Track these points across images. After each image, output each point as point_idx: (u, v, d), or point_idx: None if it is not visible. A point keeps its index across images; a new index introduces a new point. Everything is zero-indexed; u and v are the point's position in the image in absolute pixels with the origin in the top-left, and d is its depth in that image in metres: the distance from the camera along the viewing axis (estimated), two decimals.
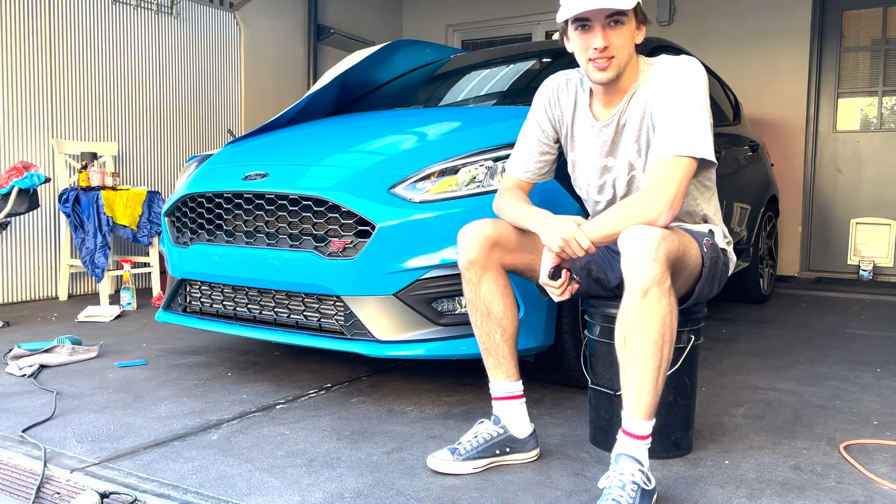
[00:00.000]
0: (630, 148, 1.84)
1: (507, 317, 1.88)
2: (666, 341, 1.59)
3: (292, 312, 2.42)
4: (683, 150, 1.68)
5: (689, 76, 1.75)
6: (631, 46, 1.78)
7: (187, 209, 2.66)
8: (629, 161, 1.86)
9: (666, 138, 1.70)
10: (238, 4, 5.59)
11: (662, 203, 1.65)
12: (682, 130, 1.69)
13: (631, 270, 1.58)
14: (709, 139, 1.71)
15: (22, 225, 4.39)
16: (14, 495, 1.72)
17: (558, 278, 1.75)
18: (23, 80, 4.35)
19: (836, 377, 2.81)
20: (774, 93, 5.80)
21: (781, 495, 1.70)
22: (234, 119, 5.69)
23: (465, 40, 7.31)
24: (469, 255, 1.85)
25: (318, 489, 1.71)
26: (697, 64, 1.78)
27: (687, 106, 1.71)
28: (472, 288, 1.87)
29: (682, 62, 1.78)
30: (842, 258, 5.81)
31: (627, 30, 1.75)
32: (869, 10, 5.68)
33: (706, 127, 1.71)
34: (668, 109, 1.72)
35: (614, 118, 1.85)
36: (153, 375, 2.73)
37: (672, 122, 1.70)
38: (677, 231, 1.71)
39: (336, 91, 3.45)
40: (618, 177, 1.89)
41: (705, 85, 1.76)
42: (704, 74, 1.77)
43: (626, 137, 1.84)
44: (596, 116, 1.90)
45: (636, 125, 1.82)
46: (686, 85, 1.73)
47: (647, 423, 1.61)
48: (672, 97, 1.73)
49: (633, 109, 1.82)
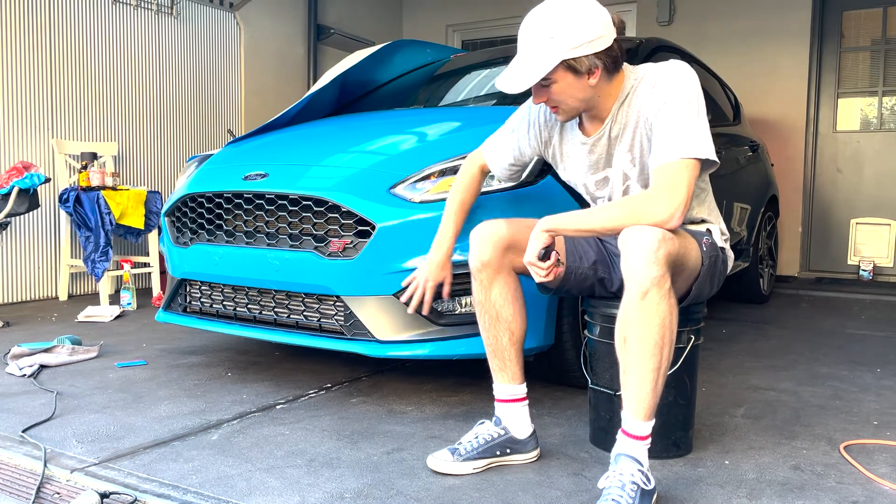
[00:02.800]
0: (624, 158, 1.83)
1: (516, 321, 1.88)
2: (666, 342, 1.59)
3: (292, 312, 2.42)
4: (688, 152, 1.67)
5: (682, 79, 1.73)
6: (578, 93, 1.74)
7: (187, 209, 2.66)
8: (623, 171, 1.85)
9: (669, 141, 1.69)
10: (238, 4, 5.60)
11: (675, 206, 1.63)
12: (684, 133, 1.68)
13: (630, 272, 1.58)
14: (709, 140, 1.71)
15: (22, 225, 4.39)
16: (14, 495, 1.72)
17: (547, 260, 1.73)
18: (23, 79, 4.35)
19: (836, 377, 2.81)
20: (774, 93, 5.80)
21: (781, 495, 1.70)
22: (234, 119, 5.69)
23: (465, 40, 7.31)
24: (482, 256, 1.84)
25: (318, 489, 1.71)
26: (688, 67, 1.77)
27: (685, 108, 1.70)
28: (482, 290, 1.86)
29: (673, 67, 1.76)
30: (842, 258, 5.81)
31: (559, 87, 1.72)
32: (869, 10, 5.68)
33: (706, 128, 1.71)
34: (667, 114, 1.71)
35: (605, 131, 1.83)
36: (153, 375, 2.73)
37: (673, 126, 1.69)
38: (678, 232, 1.70)
39: (336, 91, 3.45)
40: (614, 187, 1.88)
41: (699, 86, 1.75)
42: (696, 76, 1.76)
43: (620, 147, 1.83)
44: (586, 132, 1.88)
45: (629, 135, 1.81)
46: (681, 88, 1.72)
47: (646, 424, 1.61)
48: (669, 101, 1.72)
49: (622, 118, 1.81)
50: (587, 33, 1.67)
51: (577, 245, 1.93)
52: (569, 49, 1.67)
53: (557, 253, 1.76)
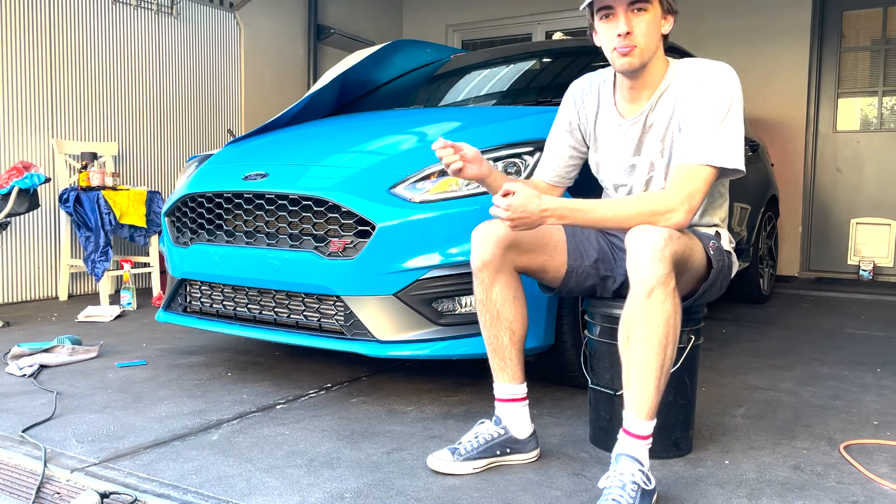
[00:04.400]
0: (655, 147, 1.84)
1: (517, 320, 1.88)
2: (669, 342, 1.59)
3: (292, 312, 2.42)
4: (709, 158, 1.67)
5: (721, 83, 1.73)
6: (656, 36, 1.77)
7: (187, 209, 2.66)
8: (651, 161, 1.85)
9: (693, 144, 1.69)
10: (238, 4, 5.60)
11: (684, 209, 1.65)
12: (709, 138, 1.68)
13: (636, 270, 1.58)
14: (737, 148, 1.70)
15: (22, 225, 4.39)
16: (14, 495, 1.72)
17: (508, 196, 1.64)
18: (23, 79, 4.35)
19: (836, 377, 2.81)
20: (774, 93, 5.80)
21: (781, 495, 1.70)
22: (234, 119, 5.69)
23: (465, 40, 7.32)
24: (483, 256, 1.83)
25: (318, 489, 1.71)
26: (730, 70, 1.76)
27: (717, 113, 1.70)
28: (483, 289, 1.86)
29: (718, 67, 1.76)
30: (842, 258, 5.81)
31: (651, 17, 1.74)
32: (869, 10, 5.69)
33: (735, 135, 1.70)
34: (699, 115, 1.71)
35: (641, 117, 1.84)
36: (153, 375, 2.73)
37: (700, 129, 1.69)
38: (684, 232, 1.70)
39: (336, 91, 3.45)
40: (640, 176, 1.88)
41: (738, 92, 1.74)
42: (737, 81, 1.75)
43: (652, 136, 1.83)
44: (622, 114, 1.89)
45: (663, 126, 1.81)
46: (718, 92, 1.72)
47: (648, 423, 1.61)
48: (705, 102, 1.71)
49: (661, 109, 1.81)
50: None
51: (579, 243, 1.93)
52: None
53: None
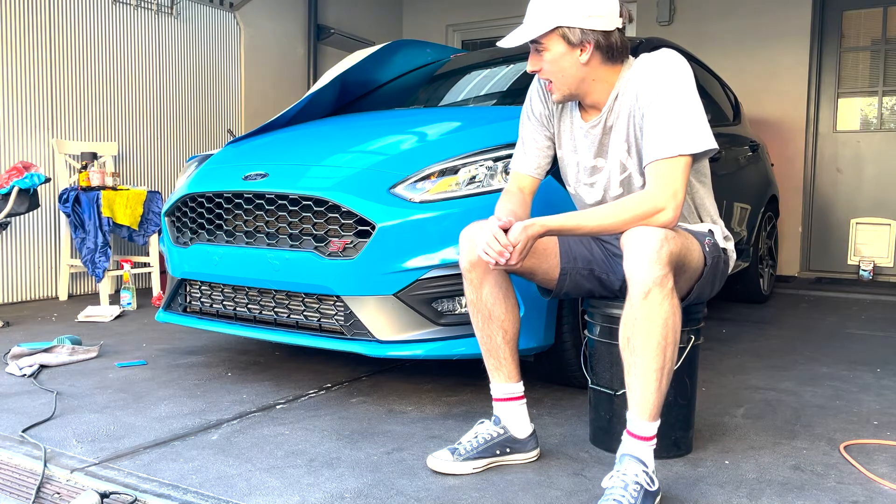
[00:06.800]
0: (620, 148, 1.83)
1: (509, 319, 1.88)
2: (669, 342, 1.59)
3: (292, 312, 2.42)
4: (680, 148, 1.67)
5: (671, 70, 1.73)
6: (570, 69, 1.77)
7: (187, 209, 2.66)
8: (620, 161, 1.84)
9: (660, 138, 1.68)
10: (238, 4, 5.59)
11: (670, 205, 1.64)
12: (674, 128, 1.68)
13: (633, 272, 1.58)
14: (702, 127, 1.69)
15: (22, 225, 4.39)
16: (14, 495, 1.72)
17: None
18: (23, 79, 4.35)
19: (836, 377, 2.81)
20: (774, 93, 5.80)
21: (781, 495, 1.70)
22: (234, 119, 5.69)
23: (465, 40, 7.31)
24: (471, 256, 1.83)
25: (318, 489, 1.71)
26: (677, 56, 1.76)
27: (675, 101, 1.69)
28: (473, 290, 1.87)
29: (662, 56, 1.76)
30: (842, 258, 5.81)
31: (552, 55, 1.76)
32: (869, 10, 5.68)
33: (697, 116, 1.69)
34: (657, 108, 1.70)
35: (601, 120, 1.84)
36: (153, 375, 2.73)
37: (663, 121, 1.69)
38: (679, 232, 1.70)
39: (336, 91, 3.45)
40: (610, 178, 1.88)
41: (690, 74, 1.74)
42: (686, 64, 1.74)
43: (615, 137, 1.83)
44: (584, 117, 1.89)
45: (624, 124, 1.81)
46: (670, 79, 1.71)
47: (651, 424, 1.61)
48: (660, 94, 1.71)
49: (619, 109, 1.82)
50: (588, 8, 1.72)
51: (570, 246, 1.93)
52: (566, 16, 1.72)
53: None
